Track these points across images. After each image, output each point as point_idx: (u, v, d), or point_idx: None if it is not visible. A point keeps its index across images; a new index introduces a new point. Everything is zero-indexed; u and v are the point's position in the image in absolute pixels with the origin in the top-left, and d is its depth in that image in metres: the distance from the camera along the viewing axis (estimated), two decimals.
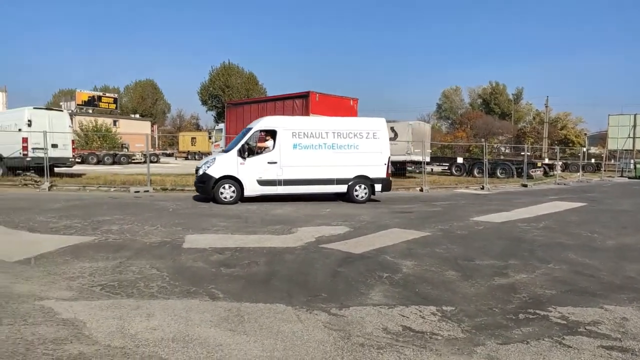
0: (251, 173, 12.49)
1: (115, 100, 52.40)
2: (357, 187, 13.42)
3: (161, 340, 3.50)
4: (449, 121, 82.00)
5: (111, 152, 37.69)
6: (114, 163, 35.97)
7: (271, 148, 12.77)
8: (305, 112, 18.88)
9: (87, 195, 14.07)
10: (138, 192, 15.08)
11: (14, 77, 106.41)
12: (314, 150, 13.07)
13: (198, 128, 76.53)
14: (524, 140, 52.58)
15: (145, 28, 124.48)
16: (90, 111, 46.75)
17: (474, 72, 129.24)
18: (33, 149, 17.69)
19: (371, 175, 13.59)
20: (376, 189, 13.65)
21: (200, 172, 12.68)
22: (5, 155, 18.31)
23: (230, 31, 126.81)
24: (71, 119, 25.52)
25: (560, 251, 7.17)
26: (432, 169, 32.17)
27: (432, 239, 7.93)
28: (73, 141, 20.36)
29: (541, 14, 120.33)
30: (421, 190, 18.79)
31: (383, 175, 13.79)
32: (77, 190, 15.53)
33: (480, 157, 27.14)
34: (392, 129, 26.96)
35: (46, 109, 20.73)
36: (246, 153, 12.48)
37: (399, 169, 25.63)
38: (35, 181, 16.14)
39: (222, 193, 12.29)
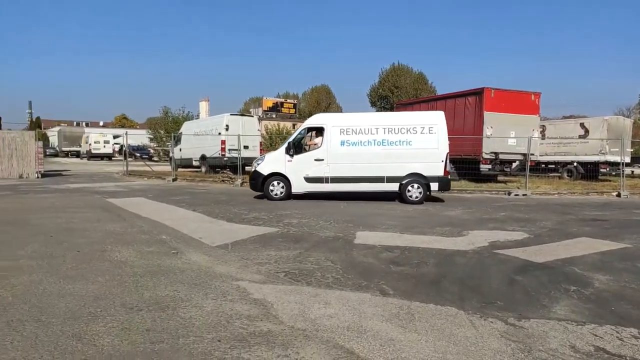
0: (298, 170, 12.57)
1: (294, 106, 57.28)
2: (410, 187, 12.58)
3: (337, 327, 3.73)
4: None
5: None
6: None
7: (319, 145, 12.71)
8: (479, 110, 17.94)
9: None
10: None
11: (215, 88, 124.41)
12: (363, 147, 12.59)
13: None
14: None
15: (322, 34, 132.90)
16: (274, 116, 51.97)
17: None
18: (229, 150, 20.49)
19: (426, 174, 12.58)
20: (432, 188, 12.66)
21: (253, 169, 13.22)
22: (208, 155, 21.58)
23: (403, 30, 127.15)
24: (259, 123, 28.74)
25: None
26: (632, 171, 27.45)
27: (632, 252, 6.80)
28: (261, 143, 22.95)
29: None
30: (618, 195, 16.22)
31: (440, 173, 12.68)
32: None
33: None
34: (581, 125, 23.83)
35: (240, 114, 23.78)
36: (292, 150, 12.61)
37: (589, 170, 22.51)
38: (231, 178, 18.65)
39: (271, 190, 12.63)
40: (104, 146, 47.60)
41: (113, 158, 46.41)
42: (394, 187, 12.67)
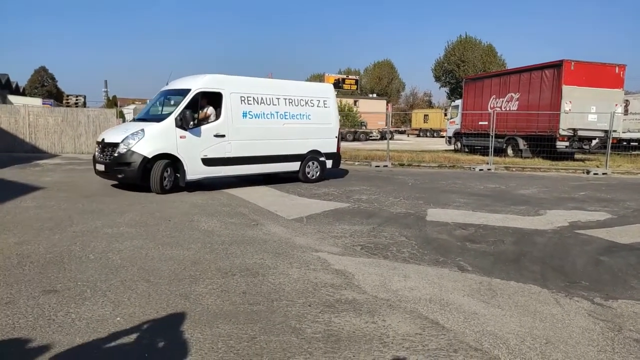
0: (194, 149, 9.26)
1: (356, 82, 56.77)
2: (309, 164, 11.32)
3: (419, 299, 3.85)
4: None
5: (352, 129, 41.20)
6: (354, 140, 39.31)
7: (213, 117, 9.65)
8: (557, 84, 16.95)
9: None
10: (378, 166, 16.23)
11: (276, 64, 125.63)
12: (266, 120, 10.49)
13: (430, 105, 76.73)
14: None
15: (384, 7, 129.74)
16: (336, 93, 51.80)
17: None
18: None
19: (323, 150, 11.54)
20: (327, 166, 11.68)
21: (121, 150, 8.81)
22: None
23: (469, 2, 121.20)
24: None
25: None
26: None
27: None
28: None
29: None
30: None
31: (334, 149, 11.84)
32: None
33: None
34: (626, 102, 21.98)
35: None
36: (185, 123, 9.11)
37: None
38: None
39: (162, 180, 8.83)
40: None
41: None
42: (295, 166, 11.16)
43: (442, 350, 2.95)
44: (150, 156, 8.74)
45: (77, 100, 71.68)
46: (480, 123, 20.52)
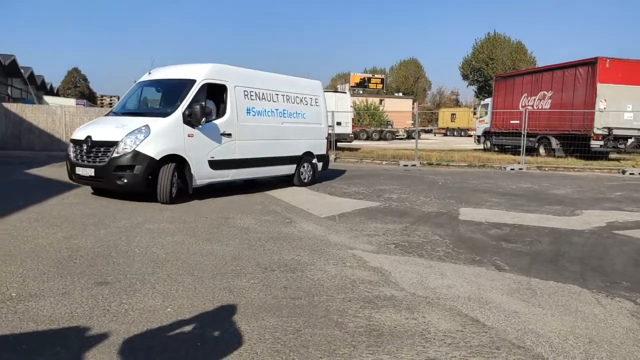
0: (202, 150, 8.07)
1: (382, 81, 56.56)
2: (304, 166, 10.58)
3: (458, 297, 3.88)
4: None
5: (378, 128, 41.09)
6: (380, 139, 39.21)
7: (213, 113, 8.44)
8: (592, 82, 16.57)
9: (365, 167, 15.93)
10: (406, 165, 16.19)
11: (300, 65, 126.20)
12: (267, 117, 9.58)
13: (457, 104, 75.76)
14: None
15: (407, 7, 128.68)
16: (361, 92, 51.76)
17: None
18: None
19: (315, 152, 10.88)
20: (317, 168, 11.05)
21: (121, 149, 7.30)
22: None
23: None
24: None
25: None
26: None
27: None
28: (353, 119, 23.18)
29: None
30: None
31: (324, 151, 11.34)
32: (355, 162, 17.73)
33: None
34: None
35: (333, 91, 24.14)
36: (199, 119, 7.87)
37: None
38: None
39: (172, 184, 7.52)
40: None
41: None
42: (292, 169, 10.37)
43: (484, 347, 2.98)
44: (157, 158, 7.36)
45: (111, 100, 73.56)
46: (511, 122, 20.20)
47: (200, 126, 7.95)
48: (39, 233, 5.40)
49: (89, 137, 7.67)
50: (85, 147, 7.66)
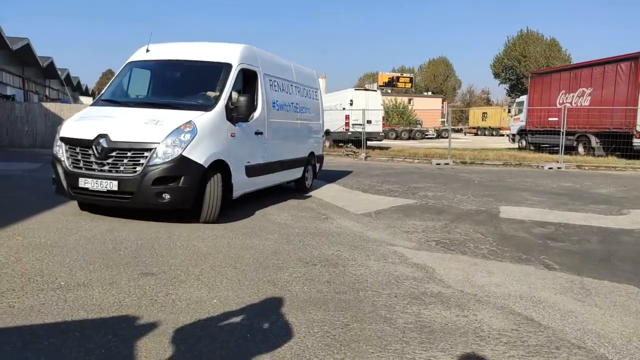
0: (241, 153, 6.53)
1: (410, 80, 55.96)
2: (308, 169, 9.18)
3: (508, 296, 3.73)
4: None
5: (407, 128, 40.66)
6: (409, 138, 38.80)
7: (244, 105, 6.32)
8: (634, 78, 15.90)
9: (397, 165, 15.73)
10: (439, 164, 15.91)
11: (329, 64, 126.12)
12: (286, 113, 8.09)
13: (488, 103, 74.27)
14: None
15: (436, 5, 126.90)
16: (389, 91, 51.33)
17: None
18: (353, 124, 20.85)
19: (317, 152, 9.63)
20: (316, 170, 9.76)
21: (161, 155, 5.38)
22: (332, 130, 22.19)
23: None
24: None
25: None
26: None
27: None
28: (383, 118, 22.99)
29: None
30: None
31: (321, 151, 10.12)
32: (386, 160, 17.55)
33: None
34: None
35: (364, 89, 24.00)
36: (243, 114, 6.43)
37: None
38: (354, 152, 19.05)
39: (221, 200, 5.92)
40: None
41: None
42: (300, 172, 8.88)
43: (543, 347, 2.85)
44: (206, 165, 5.65)
45: None
46: (549, 119, 19.62)
47: (240, 123, 6.47)
48: (82, 225, 5.50)
49: (103, 135, 5.47)
50: (97, 150, 5.45)
